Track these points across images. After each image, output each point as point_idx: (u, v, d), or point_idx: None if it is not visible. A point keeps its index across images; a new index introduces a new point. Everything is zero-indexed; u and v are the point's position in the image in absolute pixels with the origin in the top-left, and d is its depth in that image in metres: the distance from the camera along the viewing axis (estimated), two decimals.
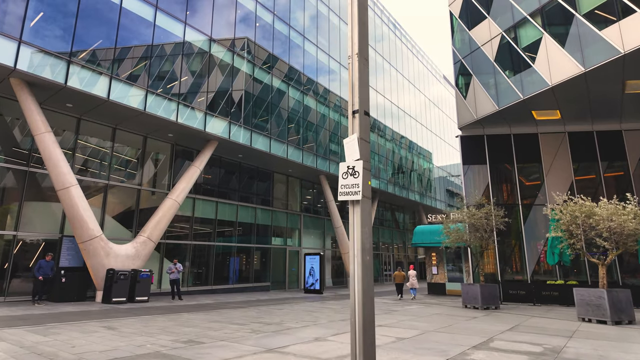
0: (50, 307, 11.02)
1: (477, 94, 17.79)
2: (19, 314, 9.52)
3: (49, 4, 12.30)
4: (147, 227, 14.75)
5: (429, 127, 38.54)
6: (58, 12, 12.52)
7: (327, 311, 11.20)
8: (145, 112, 14.37)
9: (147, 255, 14.42)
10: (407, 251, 36.66)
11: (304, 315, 10.02)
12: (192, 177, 16.51)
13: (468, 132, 18.86)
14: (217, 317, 9.33)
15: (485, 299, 12.10)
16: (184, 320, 8.79)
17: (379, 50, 31.08)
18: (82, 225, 12.67)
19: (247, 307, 12.26)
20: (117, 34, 13.91)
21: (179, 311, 10.78)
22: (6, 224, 12.94)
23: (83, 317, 9.07)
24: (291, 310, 11.29)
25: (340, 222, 24.30)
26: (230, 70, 18.10)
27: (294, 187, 24.96)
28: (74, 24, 12.76)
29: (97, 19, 13.45)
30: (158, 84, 14.98)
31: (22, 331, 7.01)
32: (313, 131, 22.75)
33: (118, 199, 16.07)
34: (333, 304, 13.49)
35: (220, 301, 14.36)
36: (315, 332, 7.42)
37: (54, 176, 12.46)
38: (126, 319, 8.80)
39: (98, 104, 13.63)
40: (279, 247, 22.99)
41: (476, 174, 18.61)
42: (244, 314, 10.28)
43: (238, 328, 7.63)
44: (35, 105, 12.35)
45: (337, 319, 9.36)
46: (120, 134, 16.07)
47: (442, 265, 20.71)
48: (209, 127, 16.64)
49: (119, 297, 12.60)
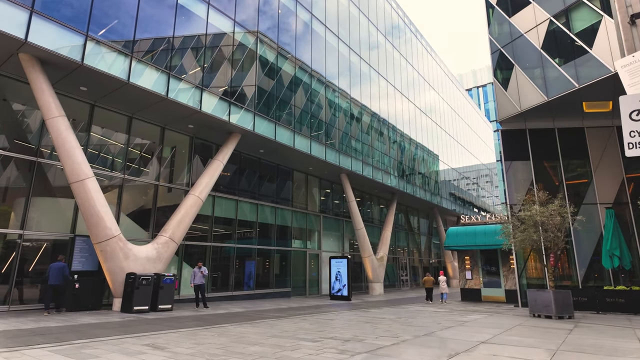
0: (66, 318, 9.44)
1: (521, 85, 16.55)
2: (31, 326, 7.97)
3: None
4: (169, 226, 13.21)
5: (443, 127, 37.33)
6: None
7: (386, 322, 9.75)
8: (167, 98, 12.89)
9: (169, 258, 12.87)
10: (421, 255, 35.28)
11: (368, 328, 8.56)
12: (215, 172, 15.02)
13: (509, 125, 17.60)
14: (271, 331, 7.84)
15: (559, 307, 10.72)
16: (237, 335, 7.28)
17: (403, 52, 29.86)
18: (99, 223, 11.12)
19: (288, 316, 10.76)
20: (137, 10, 12.45)
21: (217, 322, 9.26)
22: (11, 221, 11.34)
23: (111, 331, 7.54)
24: (346, 321, 9.83)
25: (362, 224, 22.90)
26: (256, 60, 16.68)
27: (313, 186, 23.52)
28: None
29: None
30: (181, 69, 13.52)
31: (48, 353, 5.49)
32: (335, 127, 21.35)
33: (133, 195, 14.52)
34: (380, 313, 12.04)
35: (250, 309, 12.84)
36: (419, 352, 5.97)
37: (67, 166, 10.92)
38: (166, 334, 7.28)
39: (116, 87, 12.14)
40: (299, 250, 21.50)
41: (518, 171, 17.33)
42: (296, 325, 8.79)
43: (316, 346, 6.15)
44: (47, 85, 10.82)
45: (415, 333, 7.91)
46: (137, 124, 14.55)
47: (476, 270, 19.34)
48: (233, 118, 15.18)
49: (140, 306, 11.04)
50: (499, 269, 18.73)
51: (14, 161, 11.60)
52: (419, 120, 31.90)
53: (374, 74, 25.83)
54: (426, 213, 36.86)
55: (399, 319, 10.33)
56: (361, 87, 24.29)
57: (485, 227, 18.80)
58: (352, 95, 23.09)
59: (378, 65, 26.47)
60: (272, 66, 17.58)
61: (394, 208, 27.56)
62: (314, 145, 19.36)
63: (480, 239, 18.54)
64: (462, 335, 7.49)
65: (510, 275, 18.24)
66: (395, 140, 27.64)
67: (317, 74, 20.32)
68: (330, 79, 21.37)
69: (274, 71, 17.66)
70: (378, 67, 26.41)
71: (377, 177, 24.45)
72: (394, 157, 27.11)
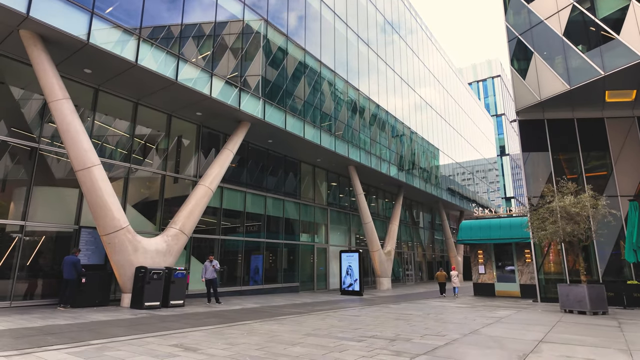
0: (74, 315, 8.77)
1: (541, 73, 16.00)
2: (38, 324, 7.29)
3: None
4: (179, 217, 12.53)
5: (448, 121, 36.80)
6: None
7: (417, 318, 9.20)
8: (176, 82, 12.16)
9: (179, 251, 12.21)
10: (425, 250, 34.87)
11: (403, 325, 7.99)
12: (226, 162, 14.33)
13: (526, 116, 17.06)
14: (302, 329, 7.24)
15: (594, 302, 10.23)
16: (268, 334, 6.66)
17: (409, 43, 29.19)
18: (106, 213, 10.42)
19: (309, 312, 10.17)
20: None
21: (237, 319, 8.64)
22: (11, 212, 10.59)
23: (128, 330, 6.90)
24: (373, 317, 9.26)
25: (370, 217, 22.34)
26: (264, 48, 15.94)
27: (321, 178, 22.90)
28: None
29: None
30: (189, 53, 12.78)
31: (66, 356, 4.84)
32: (344, 118, 20.69)
33: (138, 186, 13.81)
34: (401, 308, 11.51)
35: (264, 305, 12.23)
36: (484, 354, 5.40)
37: (72, 153, 10.18)
38: (190, 333, 6.65)
39: (123, 69, 11.39)
40: (307, 243, 20.90)
41: (537, 162, 16.82)
42: (325, 322, 8.20)
43: (363, 347, 5.55)
44: (50, 65, 10.06)
45: (459, 331, 7.35)
46: (142, 111, 13.80)
47: (489, 264, 18.88)
48: (244, 106, 14.48)
49: (151, 301, 10.38)
50: (513, 263, 18.28)
51: (13, 148, 10.84)
52: (424, 112, 31.34)
53: (381, 64, 25.17)
54: (429, 207, 36.42)
55: (428, 315, 9.78)
56: (369, 78, 23.63)
57: (501, 221, 18.33)
58: (360, 87, 22.42)
59: (385, 55, 25.81)
60: (281, 54, 16.86)
61: (400, 201, 27.03)
62: (323, 136, 18.71)
63: (495, 233, 18.07)
64: (512, 334, 6.96)
65: (525, 270, 17.80)
66: (402, 133, 27.06)
67: (325, 62, 19.61)
68: (338, 68, 20.68)
69: (284, 60, 16.95)
70: (385, 57, 25.76)
71: (385, 169, 23.88)
72: (401, 150, 26.55)
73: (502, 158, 61.49)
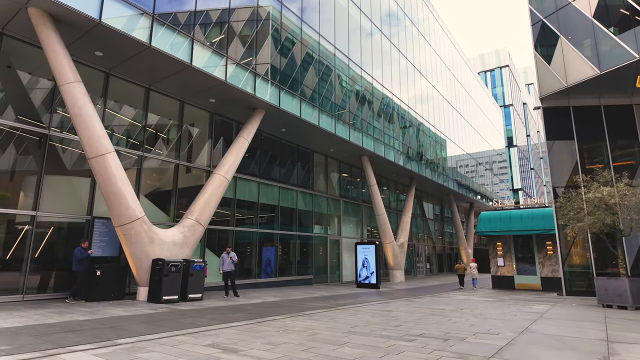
0: (91, 309, 8.30)
1: (568, 58, 15.32)
2: (55, 320, 6.82)
3: None
4: (195, 208, 12.02)
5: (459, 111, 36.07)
6: None
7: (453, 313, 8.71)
8: (191, 65, 11.56)
9: (195, 242, 11.72)
10: (435, 242, 34.39)
11: (446, 322, 7.50)
12: (241, 151, 13.79)
13: (550, 103, 16.41)
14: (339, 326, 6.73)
15: (635, 296, 9.71)
16: (305, 331, 6.16)
17: (422, 30, 28.39)
18: (121, 203, 9.90)
19: (335, 307, 9.70)
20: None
21: (264, 314, 8.16)
22: (21, 202, 10.09)
23: (152, 327, 6.42)
24: (406, 312, 8.77)
25: (383, 209, 21.81)
26: (281, 30, 15.28)
27: (333, 169, 22.34)
28: None
29: None
30: (204, 34, 12.15)
31: (94, 358, 4.34)
32: (358, 107, 20.06)
33: (150, 175, 13.28)
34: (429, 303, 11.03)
35: (284, 298, 11.77)
36: (555, 355, 4.88)
37: (85, 139, 9.64)
38: (222, 330, 6.16)
39: (136, 52, 10.80)
40: (320, 235, 20.41)
41: (562, 151, 16.21)
42: (359, 319, 7.71)
43: (417, 347, 5.04)
44: (61, 45, 9.47)
45: (509, 328, 6.83)
46: (154, 97, 13.23)
47: (509, 257, 18.37)
48: (259, 92, 13.88)
49: (169, 295, 9.91)
50: (534, 255, 17.78)
51: (23, 135, 10.30)
52: (436, 102, 30.64)
53: (394, 52, 24.45)
54: (439, 199, 35.87)
55: (461, 310, 9.30)
56: (382, 66, 22.93)
57: (522, 212, 17.78)
58: (373, 74, 21.75)
59: (398, 42, 25.07)
60: (296, 40, 16.20)
61: (412, 193, 26.46)
62: (338, 125, 18.11)
63: (516, 224, 17.54)
64: (568, 332, 6.46)
65: (546, 262, 17.30)
66: (414, 123, 26.41)
67: (339, 48, 18.93)
68: (352, 54, 19.99)
69: (298, 45, 16.28)
70: (398, 45, 25.02)
71: (398, 160, 23.29)
72: (414, 141, 25.93)
73: (509, 149, 60.74)
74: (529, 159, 68.99)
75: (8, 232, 9.81)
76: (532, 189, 67.38)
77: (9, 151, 10.07)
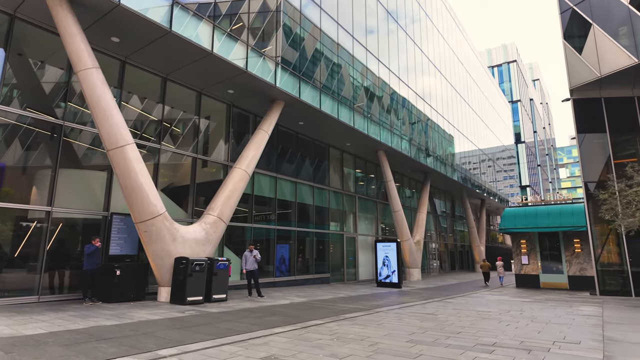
0: (114, 312, 7.69)
1: (601, 47, 14.62)
2: (81, 326, 6.21)
3: None
4: (216, 203, 11.39)
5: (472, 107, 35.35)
6: None
7: (503, 316, 8.08)
8: (212, 53, 10.90)
9: (217, 240, 11.10)
10: (447, 239, 33.77)
11: (507, 327, 6.87)
12: (261, 144, 13.15)
13: (581, 94, 15.73)
14: (393, 333, 6.09)
15: None
16: (362, 339, 5.53)
17: (435, 23, 27.66)
18: (142, 198, 9.28)
19: (371, 309, 9.08)
20: None
21: (304, 317, 7.53)
22: (33, 196, 9.47)
23: (189, 333, 5.81)
24: (452, 315, 8.15)
25: (400, 205, 21.16)
26: (301, 20, 14.60)
27: (349, 164, 21.70)
28: None
29: None
30: (224, 23, 11.48)
31: None
32: (376, 100, 19.39)
33: (166, 169, 12.65)
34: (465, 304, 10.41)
35: (310, 299, 11.15)
36: None
37: (104, 130, 9.01)
38: (268, 338, 5.53)
39: (155, 38, 10.14)
40: (336, 233, 19.80)
41: (593, 144, 15.54)
42: (404, 322, 7.10)
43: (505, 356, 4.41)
44: (78, 29, 8.83)
45: (584, 335, 6.21)
46: (171, 88, 12.57)
47: (533, 254, 17.74)
48: (280, 82, 13.23)
49: (194, 296, 9.30)
50: (560, 253, 17.15)
51: (36, 127, 9.66)
52: (450, 97, 29.94)
53: (410, 44, 23.74)
54: (450, 195, 35.23)
55: (508, 312, 8.68)
56: (399, 57, 22.24)
57: (549, 208, 17.13)
58: (390, 66, 21.05)
59: (413, 34, 24.36)
60: (316, 30, 15.51)
61: (427, 189, 25.82)
62: (356, 118, 17.45)
63: (542, 221, 16.90)
64: None
65: (574, 260, 16.67)
66: (429, 117, 25.72)
67: (357, 39, 18.23)
68: (370, 45, 19.30)
69: (318, 36, 15.58)
70: (414, 36, 24.31)
71: (414, 155, 22.64)
72: (428, 135, 25.25)
73: (517, 146, 60.02)
74: (535, 155, 68.33)
75: (21, 229, 9.20)
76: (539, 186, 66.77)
77: (22, 144, 9.45)
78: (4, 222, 8.90)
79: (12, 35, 9.30)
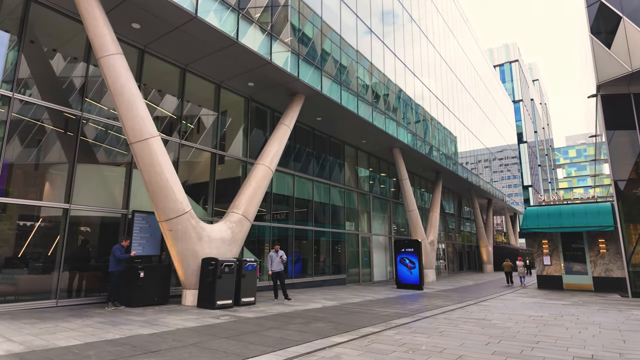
0: (144, 318, 7.06)
1: (632, 40, 14.17)
2: (115, 336, 5.59)
3: None
4: (240, 201, 10.77)
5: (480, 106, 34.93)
6: None
7: (567, 323, 7.54)
8: (237, 42, 10.30)
9: (243, 239, 10.50)
10: (455, 239, 33.31)
11: (576, 333, 6.32)
12: (284, 139, 12.55)
13: (609, 90, 15.28)
14: (463, 342, 5.56)
15: None
16: (441, 350, 4.94)
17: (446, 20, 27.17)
18: (167, 194, 8.65)
19: (412, 314, 8.52)
20: None
21: (355, 324, 6.95)
22: (49, 193, 8.80)
23: (239, 343, 5.23)
24: (507, 320, 7.61)
25: (415, 204, 20.65)
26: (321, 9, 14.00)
27: (363, 163, 21.14)
28: None
29: None
30: (250, 11, 10.87)
31: None
32: (392, 96, 18.83)
33: (186, 165, 12.01)
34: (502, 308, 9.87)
35: (341, 302, 10.57)
36: None
37: (127, 122, 8.37)
38: (332, 349, 4.95)
39: (178, 24, 9.52)
40: (352, 232, 19.23)
41: (622, 142, 15.10)
42: (463, 330, 6.56)
43: None
44: (101, 12, 8.19)
45: None
46: (189, 80, 11.93)
47: (556, 255, 17.28)
48: (302, 75, 12.64)
49: (224, 299, 8.69)
50: (584, 254, 16.69)
51: (51, 120, 9.00)
52: (461, 95, 29.49)
53: (423, 40, 23.23)
54: (458, 195, 34.79)
55: (561, 316, 8.16)
56: (413, 54, 21.72)
57: (573, 207, 16.67)
58: (405, 62, 20.52)
59: (426, 30, 23.85)
60: (336, 23, 14.92)
61: (440, 188, 25.34)
62: (374, 114, 16.88)
63: (567, 220, 16.43)
64: None
65: (599, 261, 16.23)
66: (443, 115, 25.24)
67: (375, 32, 17.67)
68: (387, 38, 18.75)
69: (338, 28, 14.99)
70: (426, 31, 23.81)
71: (429, 153, 22.13)
72: (442, 134, 24.76)
73: (519, 145, 59.84)
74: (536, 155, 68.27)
75: (38, 228, 8.54)
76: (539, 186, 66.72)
77: (37, 138, 8.79)
78: (18, 220, 8.24)
79: (27, 21, 8.62)
